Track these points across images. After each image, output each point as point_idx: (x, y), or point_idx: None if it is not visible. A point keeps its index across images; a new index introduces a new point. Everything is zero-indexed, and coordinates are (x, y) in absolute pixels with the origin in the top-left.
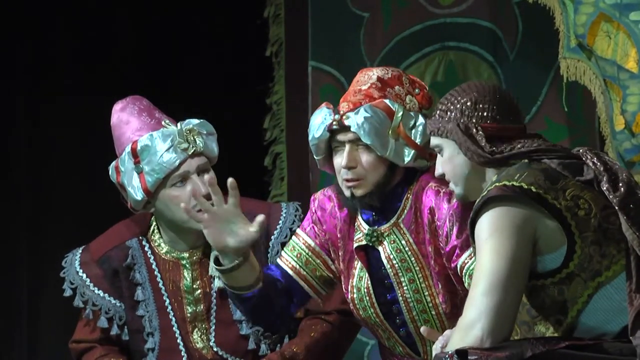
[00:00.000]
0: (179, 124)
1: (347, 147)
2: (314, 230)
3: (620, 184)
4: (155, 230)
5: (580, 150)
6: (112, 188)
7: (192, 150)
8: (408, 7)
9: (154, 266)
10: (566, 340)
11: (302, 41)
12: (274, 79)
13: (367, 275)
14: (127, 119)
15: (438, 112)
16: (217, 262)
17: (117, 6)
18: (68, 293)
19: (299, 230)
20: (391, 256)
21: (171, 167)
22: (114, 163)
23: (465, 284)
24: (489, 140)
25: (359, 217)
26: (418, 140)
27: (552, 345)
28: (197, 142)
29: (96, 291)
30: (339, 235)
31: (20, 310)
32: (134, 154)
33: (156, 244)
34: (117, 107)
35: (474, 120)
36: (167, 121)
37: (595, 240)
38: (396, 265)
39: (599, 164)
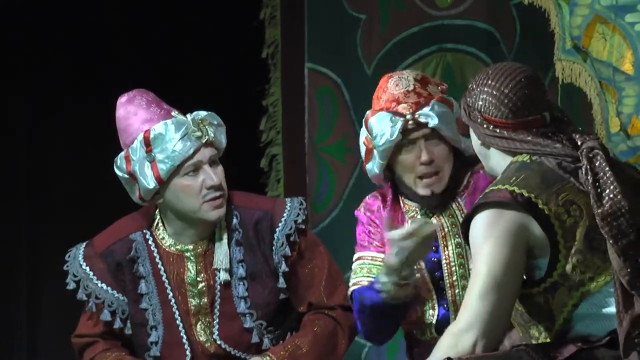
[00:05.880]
0: (188, 115)
1: (423, 142)
2: (370, 238)
3: (605, 200)
4: (160, 224)
5: (584, 151)
6: (112, 187)
7: (206, 139)
8: (405, 9)
9: (157, 259)
10: (563, 347)
11: (298, 43)
12: (270, 80)
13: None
14: (135, 111)
15: None
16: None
17: (115, 8)
18: (71, 286)
19: (357, 254)
20: (442, 220)
21: (186, 154)
22: (122, 153)
23: None
24: (492, 125)
25: (408, 202)
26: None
27: (550, 359)
28: (209, 131)
29: (99, 284)
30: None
31: (20, 310)
32: (147, 142)
33: (160, 237)
34: (123, 99)
35: (470, 104)
36: (176, 112)
37: (580, 250)
38: (446, 229)
39: (589, 175)
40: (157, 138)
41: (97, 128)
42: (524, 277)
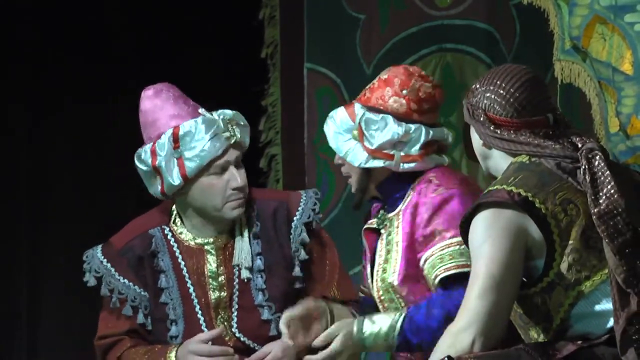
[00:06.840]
0: (214, 113)
1: None
2: None
3: (602, 199)
4: (177, 219)
5: (583, 152)
6: (112, 187)
7: (234, 140)
8: (405, 9)
9: (177, 254)
10: (562, 346)
11: (297, 43)
12: (269, 80)
13: (368, 257)
14: (162, 105)
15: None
16: None
17: (115, 8)
18: (92, 283)
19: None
20: (383, 237)
21: (215, 154)
22: (148, 146)
23: (425, 273)
24: (494, 125)
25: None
26: (371, 142)
27: (549, 357)
28: (237, 132)
29: (121, 280)
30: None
31: (20, 310)
32: (175, 138)
33: (179, 231)
34: (149, 92)
35: (474, 103)
36: (203, 109)
37: (576, 249)
38: (383, 248)
39: (587, 174)
40: (186, 135)
41: (97, 128)
42: (523, 279)
